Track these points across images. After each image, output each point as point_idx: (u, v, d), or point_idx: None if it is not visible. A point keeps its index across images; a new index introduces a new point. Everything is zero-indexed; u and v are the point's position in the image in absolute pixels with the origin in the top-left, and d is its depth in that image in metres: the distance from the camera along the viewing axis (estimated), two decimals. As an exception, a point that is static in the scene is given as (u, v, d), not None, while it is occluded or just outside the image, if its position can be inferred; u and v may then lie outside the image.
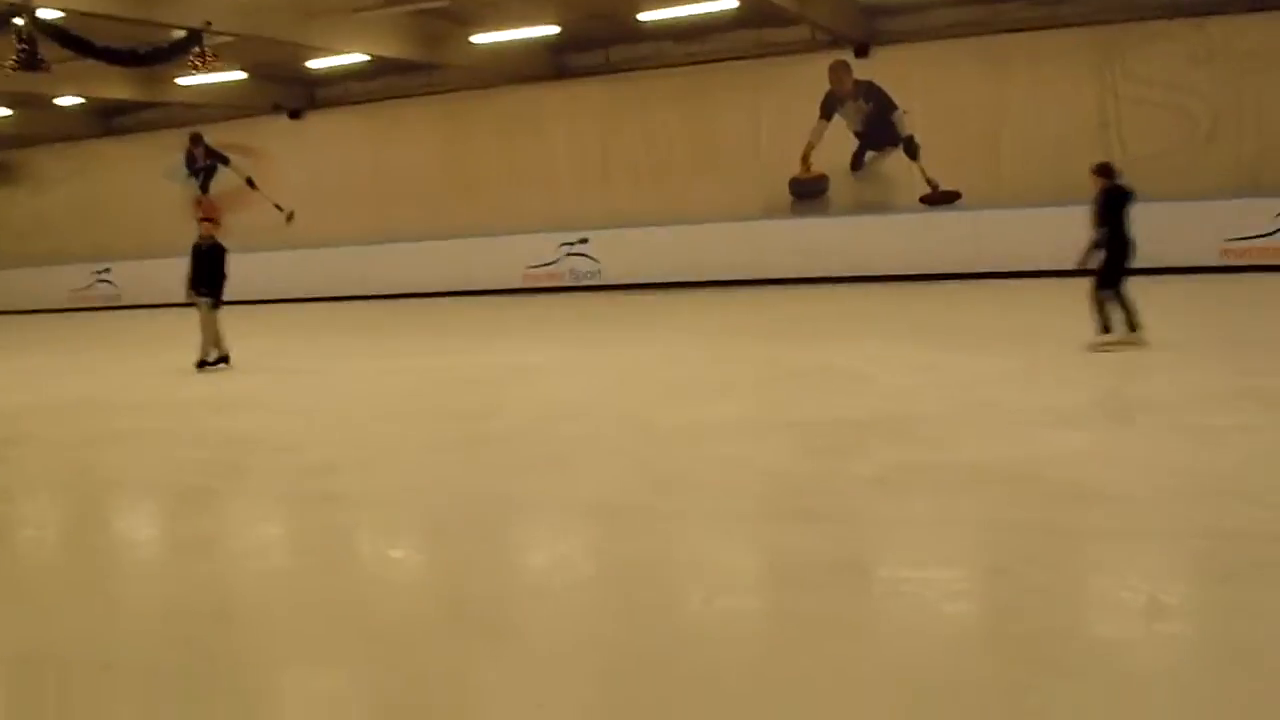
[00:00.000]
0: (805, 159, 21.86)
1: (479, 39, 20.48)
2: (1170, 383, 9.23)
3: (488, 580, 5.28)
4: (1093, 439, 7.30)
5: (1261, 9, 18.29)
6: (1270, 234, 18.21)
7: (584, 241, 22.49)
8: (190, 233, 14.16)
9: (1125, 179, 11.31)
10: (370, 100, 25.87)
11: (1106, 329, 10.95)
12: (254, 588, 5.39)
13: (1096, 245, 11.04)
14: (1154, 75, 19.27)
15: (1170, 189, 18.15)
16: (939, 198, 20.98)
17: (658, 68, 22.92)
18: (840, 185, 21.78)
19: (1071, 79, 19.87)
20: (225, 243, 13.73)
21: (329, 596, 5.13)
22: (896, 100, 21.20)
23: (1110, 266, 11.00)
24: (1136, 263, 11.02)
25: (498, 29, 20.14)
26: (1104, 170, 11.40)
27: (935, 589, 4.88)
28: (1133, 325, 10.86)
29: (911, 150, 21.20)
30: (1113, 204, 11.13)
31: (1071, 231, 11.98)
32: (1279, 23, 18.48)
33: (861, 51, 21.29)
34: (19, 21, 14.58)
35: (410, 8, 18.97)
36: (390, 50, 20.55)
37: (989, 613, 4.66)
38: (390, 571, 5.70)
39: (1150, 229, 12.18)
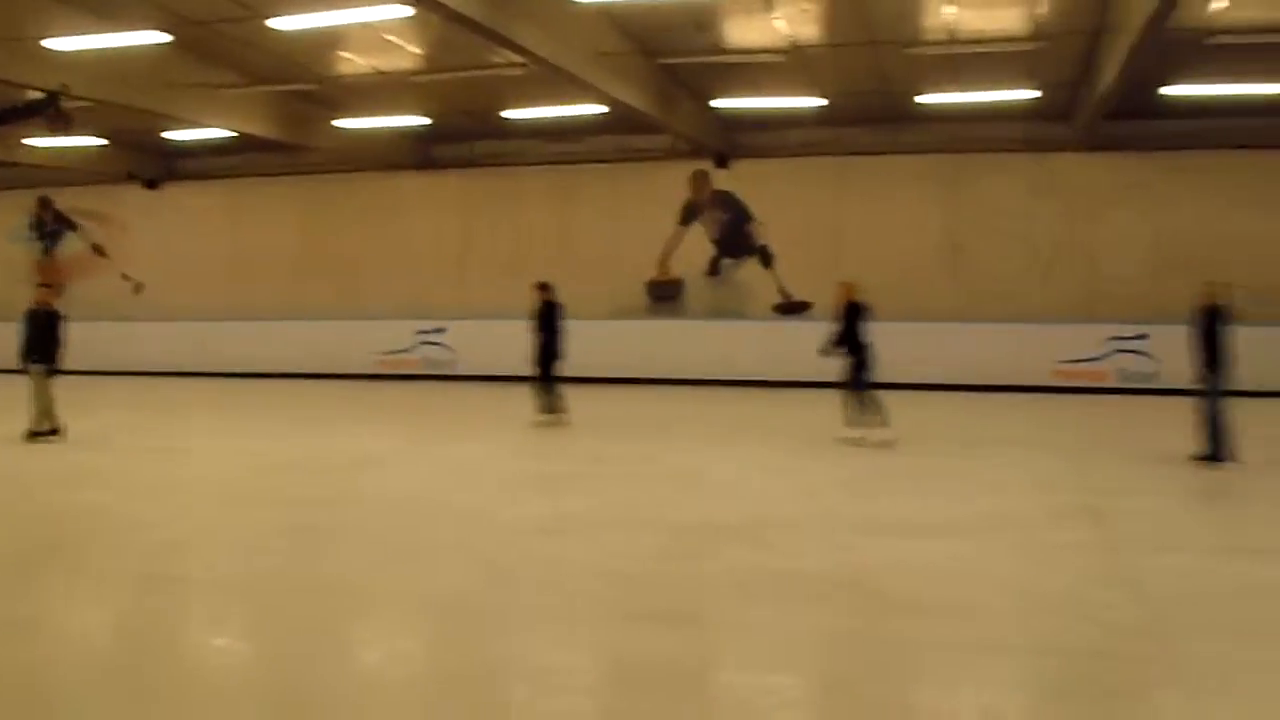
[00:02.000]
0: (663, 262, 22.29)
1: (344, 124, 20.47)
2: (1010, 499, 9.59)
3: (316, 675, 5.16)
4: (934, 551, 7.52)
5: (1097, 149, 19.52)
6: (1098, 358, 19.27)
7: (440, 330, 22.41)
8: (28, 297, 13.69)
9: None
10: (231, 175, 25.48)
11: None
12: (72, 673, 5.17)
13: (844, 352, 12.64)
14: (996, 204, 20.34)
15: (1011, 312, 19.21)
16: (791, 307, 21.56)
17: (522, 164, 23.21)
18: (697, 290, 22.26)
19: (917, 202, 20.86)
20: (71, 310, 13.32)
21: (147, 686, 4.97)
22: (753, 211, 21.85)
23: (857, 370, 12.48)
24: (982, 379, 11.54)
25: (365, 115, 20.17)
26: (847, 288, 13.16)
27: (772, 697, 4.94)
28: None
29: (766, 259, 21.80)
30: (852, 316, 12.58)
31: (913, 347, 12.52)
32: (1107, 163, 19.78)
33: (721, 162, 21.96)
34: None
35: (277, 88, 18.88)
36: (253, 128, 20.35)
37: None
38: (215, 661, 5.54)
39: (989, 349, 12.83)
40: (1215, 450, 11.07)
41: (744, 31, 15.53)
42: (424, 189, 23.99)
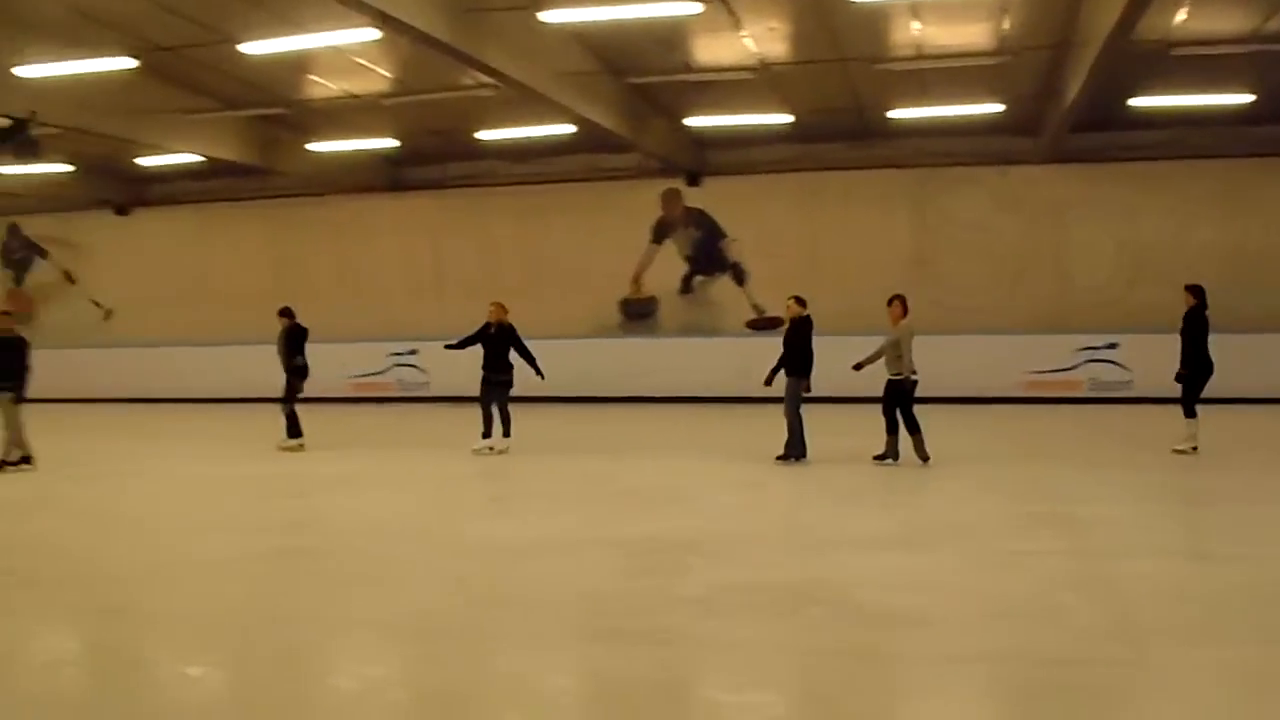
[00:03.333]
0: (636, 280, 22.35)
1: (315, 147, 20.45)
2: (977, 509, 9.64)
3: (289, 705, 5.11)
4: (904, 563, 7.56)
5: (1062, 161, 19.71)
6: (1069, 368, 19.42)
7: (413, 352, 22.36)
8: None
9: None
10: (201, 200, 25.38)
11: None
12: (38, 707, 5.08)
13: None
14: (963, 217, 20.50)
15: (980, 324, 19.30)
16: (764, 323, 21.62)
17: (493, 185, 23.22)
18: (670, 307, 22.32)
19: (886, 216, 21.02)
20: (40, 337, 13.22)
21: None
22: (725, 228, 21.94)
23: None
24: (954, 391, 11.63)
25: (335, 138, 20.16)
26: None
27: (754, 714, 4.95)
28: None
29: (739, 276, 21.90)
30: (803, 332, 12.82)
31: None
32: (1073, 175, 19.98)
33: (693, 180, 22.05)
34: None
35: (246, 113, 18.86)
36: (223, 153, 20.33)
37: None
38: (185, 693, 5.44)
39: (960, 361, 12.95)
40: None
41: (713, 50, 15.63)
42: (395, 211, 23.96)
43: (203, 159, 20.92)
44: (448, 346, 14.68)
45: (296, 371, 15.00)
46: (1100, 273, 19.93)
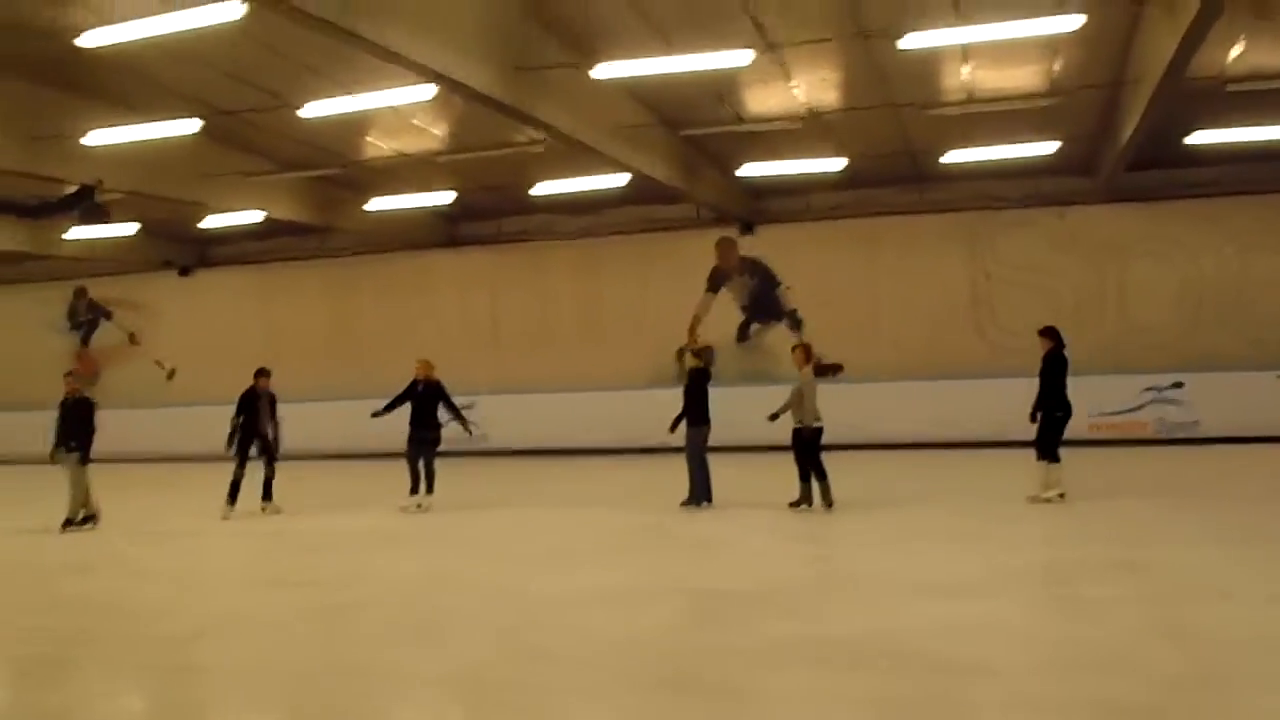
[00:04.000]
0: (692, 330, 22.28)
1: (373, 206, 20.75)
2: (1042, 555, 9.47)
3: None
4: (969, 611, 7.39)
5: (1119, 200, 19.52)
6: (1135, 409, 19.10)
7: (469, 407, 22.42)
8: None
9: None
10: (261, 260, 25.88)
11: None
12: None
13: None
14: (1020, 259, 20.34)
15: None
16: (822, 370, 21.47)
17: (549, 239, 23.42)
18: (726, 356, 22.23)
19: (943, 260, 20.92)
20: (106, 398, 13.46)
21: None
22: (780, 276, 21.93)
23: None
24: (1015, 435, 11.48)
25: (392, 196, 20.44)
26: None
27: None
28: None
29: (795, 323, 21.84)
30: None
31: (944, 405, 12.51)
32: (1131, 213, 19.77)
33: (747, 229, 22.11)
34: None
35: (305, 174, 19.19)
36: (283, 213, 20.68)
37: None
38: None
39: (1020, 404, 12.78)
40: None
41: (763, 100, 15.70)
42: (452, 266, 24.24)
43: (263, 219, 21.30)
44: (374, 414, 14.52)
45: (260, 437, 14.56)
46: (1162, 311, 19.67)
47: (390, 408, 14.45)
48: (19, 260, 27.03)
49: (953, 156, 18.15)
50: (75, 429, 12.96)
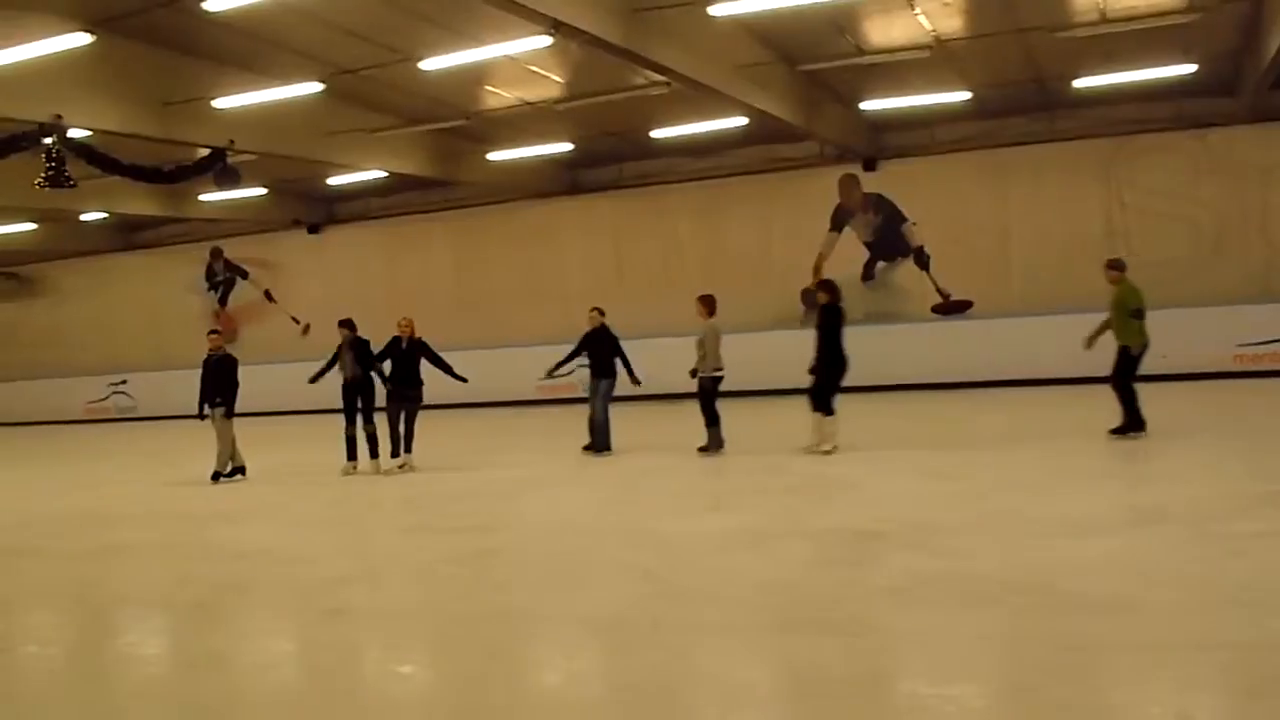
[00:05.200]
0: (817, 270, 22.07)
1: (495, 156, 20.89)
2: (1186, 489, 9.18)
3: (496, 698, 5.19)
4: (1110, 548, 7.21)
5: (1259, 120, 18.62)
6: (1281, 340, 18.34)
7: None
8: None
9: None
10: (387, 215, 26.35)
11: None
12: (259, 708, 5.31)
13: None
14: (1158, 186, 19.58)
15: (1181, 296, 18.29)
16: (951, 307, 21.14)
17: (670, 182, 23.33)
18: (852, 296, 21.90)
19: (1075, 190, 20.23)
20: (243, 355, 13.86)
21: (336, 716, 5.08)
22: (906, 212, 21.51)
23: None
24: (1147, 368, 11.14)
25: (513, 147, 20.55)
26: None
27: (955, 705, 4.80)
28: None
29: (922, 261, 21.44)
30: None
31: (1080, 338, 12.20)
32: (1277, 135, 18.82)
33: (870, 165, 21.70)
34: (48, 141, 14.95)
35: (427, 127, 19.39)
36: (408, 168, 20.97)
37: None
38: (399, 690, 5.61)
39: (1164, 335, 12.35)
40: None
41: (886, 30, 15.31)
42: (574, 214, 24.34)
43: (388, 175, 21.64)
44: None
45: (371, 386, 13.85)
46: (1312, 235, 18.78)
47: (370, 367, 13.77)
48: (158, 224, 28.04)
49: (1084, 82, 17.48)
50: (220, 385, 13.40)
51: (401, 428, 13.63)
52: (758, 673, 5.47)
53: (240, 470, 13.65)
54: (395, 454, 13.64)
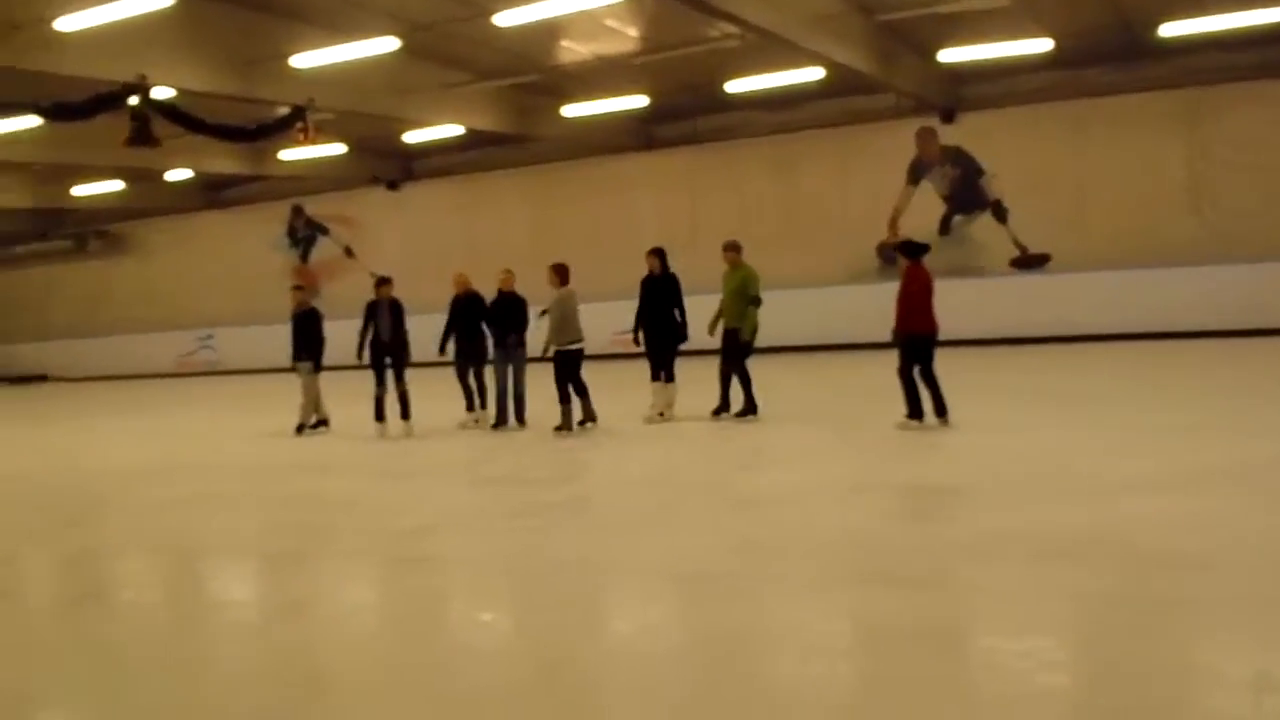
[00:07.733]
0: (893, 223, 21.90)
1: (570, 111, 20.94)
2: (1265, 450, 9.04)
3: (575, 647, 5.30)
4: (1181, 505, 7.17)
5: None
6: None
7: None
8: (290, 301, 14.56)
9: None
10: (464, 171, 26.54)
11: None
12: (343, 653, 5.45)
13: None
14: (1244, 137, 19.06)
15: (1267, 251, 17.90)
16: (1029, 261, 20.87)
17: (745, 137, 23.22)
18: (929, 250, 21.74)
19: (1157, 140, 19.79)
20: (326, 311, 14.13)
21: (418, 661, 5.22)
22: (984, 165, 21.22)
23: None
24: (1234, 323, 10.93)
25: (588, 101, 20.58)
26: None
27: (1030, 659, 4.81)
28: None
29: (1000, 214, 21.17)
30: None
31: (1160, 293, 11.98)
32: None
33: (947, 117, 21.42)
34: (134, 101, 15.28)
35: (503, 82, 19.48)
36: (483, 123, 21.10)
37: (1086, 685, 4.52)
38: (479, 637, 5.75)
39: (1246, 290, 12.12)
40: None
41: (966, -22, 15.08)
42: (649, 169, 24.34)
43: (464, 131, 21.79)
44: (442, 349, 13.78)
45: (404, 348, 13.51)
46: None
47: (447, 335, 13.70)
48: (241, 183, 28.53)
49: (1171, 28, 17.04)
50: (306, 339, 13.69)
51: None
52: (833, 624, 5.52)
53: (324, 423, 13.96)
54: (470, 409, 13.56)
